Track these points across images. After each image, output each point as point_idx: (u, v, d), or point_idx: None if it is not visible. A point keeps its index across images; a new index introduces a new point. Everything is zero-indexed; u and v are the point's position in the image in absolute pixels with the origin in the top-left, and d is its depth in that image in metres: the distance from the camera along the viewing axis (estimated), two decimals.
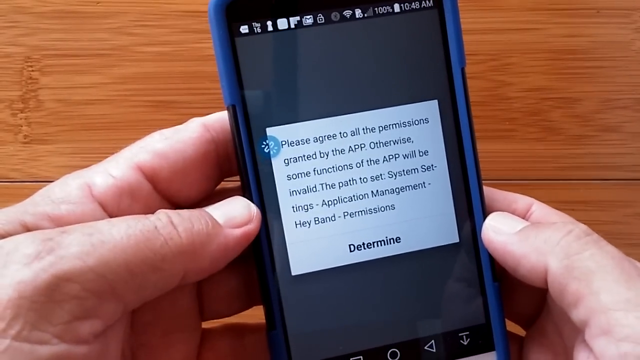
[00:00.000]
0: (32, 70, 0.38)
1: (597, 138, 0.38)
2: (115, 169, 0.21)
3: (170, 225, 0.20)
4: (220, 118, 0.23)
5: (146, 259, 0.19)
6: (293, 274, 0.23)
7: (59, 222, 0.20)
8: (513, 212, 0.24)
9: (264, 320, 0.23)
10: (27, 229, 0.19)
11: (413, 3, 0.23)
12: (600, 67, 0.38)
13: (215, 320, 0.25)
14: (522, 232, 0.22)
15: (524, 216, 0.24)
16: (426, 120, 0.23)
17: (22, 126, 0.38)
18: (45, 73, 0.38)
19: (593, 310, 0.19)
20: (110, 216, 0.21)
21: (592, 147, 0.38)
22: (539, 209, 0.24)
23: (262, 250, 0.23)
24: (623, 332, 0.18)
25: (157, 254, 0.19)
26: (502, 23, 0.38)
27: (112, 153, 0.23)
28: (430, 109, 0.23)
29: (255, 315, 0.25)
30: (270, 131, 0.23)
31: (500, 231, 0.23)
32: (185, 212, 0.21)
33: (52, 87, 0.38)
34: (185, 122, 0.23)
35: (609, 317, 0.19)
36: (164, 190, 0.22)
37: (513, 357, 0.24)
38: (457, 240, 0.24)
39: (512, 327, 0.25)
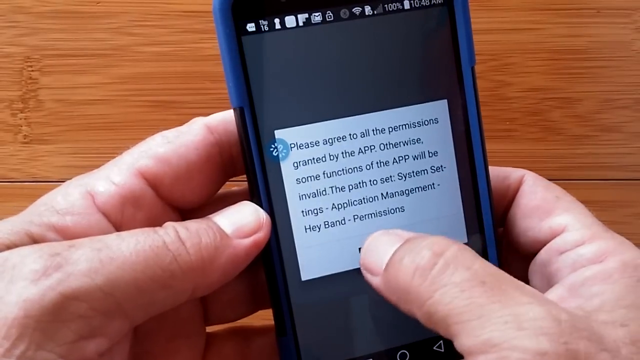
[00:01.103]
0: (32, 70, 0.38)
1: (597, 138, 0.38)
2: (117, 176, 0.21)
3: (179, 240, 0.19)
4: (224, 119, 0.22)
5: (155, 276, 0.18)
6: (303, 279, 0.23)
7: (65, 233, 0.20)
8: (507, 189, 0.24)
9: (269, 322, 0.23)
10: (33, 240, 0.19)
11: (423, 0, 0.22)
12: (600, 67, 0.38)
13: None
14: (386, 274, 0.20)
15: (516, 191, 0.24)
16: (435, 121, 0.23)
17: (22, 126, 0.38)
18: (45, 73, 0.38)
19: (462, 352, 0.18)
20: (114, 225, 0.21)
21: (592, 147, 0.38)
22: (528, 181, 0.24)
23: (271, 256, 0.22)
24: None
25: (165, 271, 0.19)
26: (502, 23, 0.38)
27: (112, 153, 0.22)
28: (439, 109, 0.23)
29: (260, 316, 0.25)
30: (278, 134, 0.22)
31: (372, 270, 0.21)
32: (192, 225, 0.20)
33: (52, 87, 0.38)
34: (186, 122, 0.23)
35: None
36: (166, 196, 0.22)
37: None
38: (465, 241, 0.24)
39: None
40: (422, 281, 0.19)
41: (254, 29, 0.21)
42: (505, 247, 0.24)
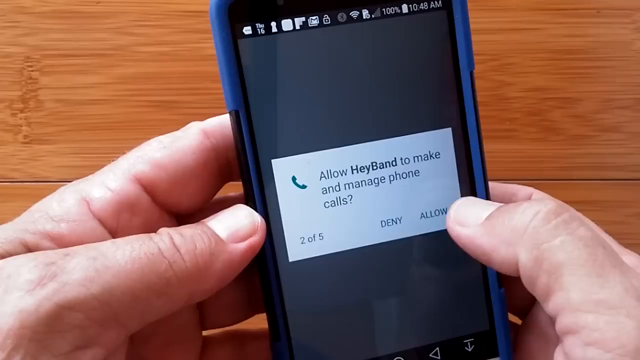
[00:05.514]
0: (32, 70, 0.38)
1: (597, 138, 0.38)
2: (113, 182, 0.21)
3: (173, 247, 0.19)
4: (221, 123, 0.22)
5: (151, 284, 0.18)
6: (298, 284, 0.23)
7: (60, 241, 0.19)
8: None
9: (265, 326, 0.23)
10: (28, 248, 0.19)
11: (422, 4, 0.22)
12: (600, 67, 0.38)
13: None
14: (488, 222, 0.21)
15: None
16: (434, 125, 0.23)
17: (22, 126, 0.38)
18: (45, 73, 0.38)
19: (562, 307, 0.18)
20: (110, 231, 0.20)
21: (592, 147, 0.38)
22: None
23: (266, 261, 0.22)
24: (592, 336, 0.18)
25: (161, 279, 0.19)
26: (502, 23, 0.38)
27: (113, 153, 0.22)
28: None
29: (256, 319, 0.25)
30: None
31: (465, 223, 0.21)
32: (187, 231, 0.20)
33: (52, 87, 0.38)
34: (187, 122, 0.23)
35: (578, 318, 0.18)
36: (163, 202, 0.22)
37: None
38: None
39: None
40: (544, 223, 0.19)
41: (250, 32, 0.21)
42: None
